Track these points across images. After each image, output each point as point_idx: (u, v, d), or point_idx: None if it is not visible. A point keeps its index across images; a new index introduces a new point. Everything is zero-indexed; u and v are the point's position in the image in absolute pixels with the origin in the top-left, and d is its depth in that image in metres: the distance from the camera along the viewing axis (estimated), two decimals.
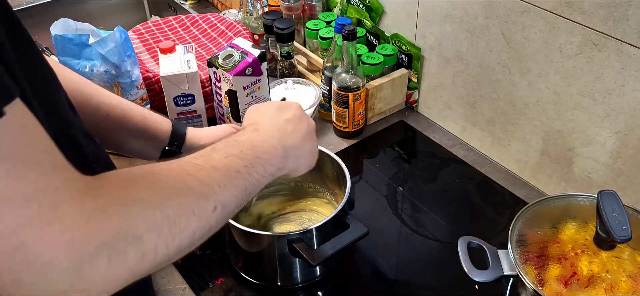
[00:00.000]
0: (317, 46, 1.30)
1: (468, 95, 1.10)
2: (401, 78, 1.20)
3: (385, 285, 0.89)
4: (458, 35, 1.06)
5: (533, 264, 0.76)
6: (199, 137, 0.89)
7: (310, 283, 0.87)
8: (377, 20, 1.26)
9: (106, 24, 1.38)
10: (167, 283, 0.87)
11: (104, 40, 1.01)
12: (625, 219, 0.67)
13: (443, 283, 0.89)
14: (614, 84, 0.84)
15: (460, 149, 1.15)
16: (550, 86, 0.93)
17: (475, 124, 1.12)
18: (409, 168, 1.15)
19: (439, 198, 1.04)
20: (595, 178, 0.93)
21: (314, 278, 0.87)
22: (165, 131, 0.86)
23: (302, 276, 0.86)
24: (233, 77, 0.96)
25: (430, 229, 0.97)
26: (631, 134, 0.85)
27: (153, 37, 1.32)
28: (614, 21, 0.80)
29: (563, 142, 0.96)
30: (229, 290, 0.87)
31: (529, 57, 0.94)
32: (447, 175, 1.11)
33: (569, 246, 0.76)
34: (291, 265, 0.84)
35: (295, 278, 0.87)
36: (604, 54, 0.83)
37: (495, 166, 1.10)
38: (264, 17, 1.24)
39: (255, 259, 0.87)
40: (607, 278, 0.72)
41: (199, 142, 0.88)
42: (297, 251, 0.78)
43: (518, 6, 0.92)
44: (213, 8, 1.72)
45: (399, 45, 1.20)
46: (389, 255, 0.93)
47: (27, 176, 0.37)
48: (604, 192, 0.71)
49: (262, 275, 0.87)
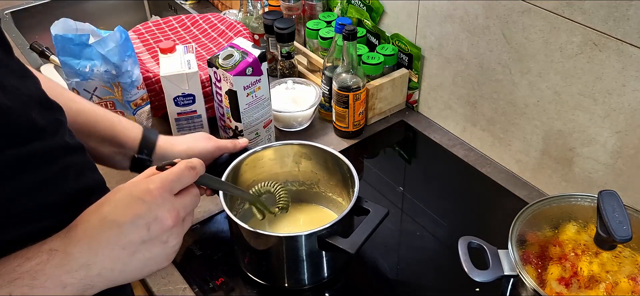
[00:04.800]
0: (317, 46, 1.30)
1: (468, 95, 1.10)
2: (401, 78, 1.20)
3: (386, 285, 0.89)
4: (458, 35, 1.06)
5: (533, 264, 0.76)
6: (172, 144, 0.88)
7: (316, 284, 0.87)
8: (377, 20, 1.25)
9: (106, 24, 1.38)
10: (167, 283, 0.87)
11: (104, 40, 1.01)
12: (625, 219, 0.67)
13: (443, 283, 0.89)
14: (614, 84, 0.84)
15: (460, 149, 1.15)
16: (551, 85, 0.93)
17: (475, 124, 1.12)
18: (409, 168, 1.15)
19: (440, 198, 1.04)
20: (595, 178, 0.93)
21: (321, 279, 0.87)
22: (134, 139, 0.84)
23: (310, 277, 0.86)
24: (233, 77, 0.96)
25: (430, 229, 0.97)
26: (632, 134, 0.85)
27: (153, 37, 1.32)
28: (614, 21, 0.80)
29: (563, 142, 0.96)
30: (231, 290, 0.87)
31: (530, 57, 0.94)
32: (447, 175, 1.11)
33: (569, 247, 0.76)
34: (299, 265, 0.83)
35: (303, 280, 0.86)
36: (604, 54, 0.83)
37: (496, 166, 1.10)
38: (264, 17, 1.24)
39: (263, 259, 0.86)
40: (607, 278, 0.72)
41: (173, 150, 0.87)
42: (330, 244, 0.78)
43: (518, 6, 0.92)
44: (213, 8, 1.72)
45: (399, 45, 1.20)
46: (390, 255, 0.93)
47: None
48: (604, 192, 0.70)
49: (270, 276, 0.87)
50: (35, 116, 0.54)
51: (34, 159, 0.53)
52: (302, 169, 0.96)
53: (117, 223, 0.53)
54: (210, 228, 0.97)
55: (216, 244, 0.94)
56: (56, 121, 0.59)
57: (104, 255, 0.53)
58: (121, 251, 0.53)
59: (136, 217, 0.54)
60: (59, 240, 0.52)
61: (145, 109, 1.10)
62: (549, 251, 0.77)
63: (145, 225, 0.54)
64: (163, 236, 0.56)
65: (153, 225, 0.55)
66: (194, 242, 0.94)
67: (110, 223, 0.53)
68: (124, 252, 0.54)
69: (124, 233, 0.53)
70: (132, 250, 0.54)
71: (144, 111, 1.10)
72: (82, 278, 0.52)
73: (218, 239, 0.95)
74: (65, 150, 0.59)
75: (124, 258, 0.54)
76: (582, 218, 0.79)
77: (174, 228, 0.57)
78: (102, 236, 0.53)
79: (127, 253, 0.54)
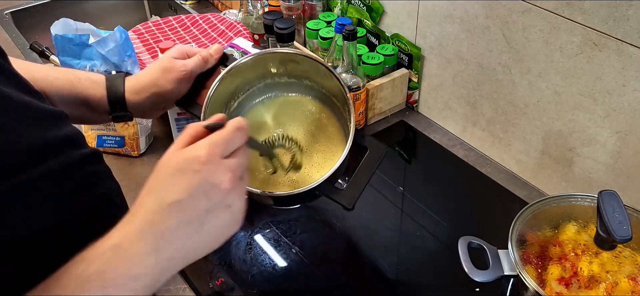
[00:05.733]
0: (317, 46, 1.30)
1: (468, 95, 1.10)
2: (401, 78, 1.20)
3: (386, 285, 0.89)
4: (458, 35, 1.06)
5: (533, 264, 0.76)
6: (138, 83, 0.81)
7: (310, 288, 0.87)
8: (377, 20, 1.25)
9: (106, 24, 1.39)
10: (167, 283, 0.87)
11: (104, 40, 1.01)
12: (625, 219, 0.67)
13: (443, 283, 0.89)
14: (614, 84, 0.84)
15: (460, 149, 1.15)
16: (551, 85, 0.93)
17: (475, 124, 1.12)
18: (409, 168, 1.15)
19: (439, 198, 1.04)
20: (595, 178, 0.93)
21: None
22: (101, 97, 0.79)
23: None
24: None
25: (430, 229, 0.97)
26: (632, 134, 0.85)
27: (153, 37, 1.32)
28: (614, 21, 0.80)
29: (563, 142, 0.96)
30: (231, 290, 0.87)
31: (530, 57, 0.94)
32: (447, 175, 1.11)
33: (569, 247, 0.76)
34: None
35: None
36: (604, 54, 0.83)
37: (496, 166, 1.10)
38: (264, 17, 1.24)
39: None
40: (607, 278, 0.72)
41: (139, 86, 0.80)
42: (330, 198, 0.72)
43: (518, 6, 0.92)
44: (213, 8, 1.72)
45: (399, 45, 1.20)
46: (389, 254, 0.93)
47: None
48: (604, 192, 0.70)
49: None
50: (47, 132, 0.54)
51: (50, 176, 0.53)
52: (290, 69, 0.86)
53: (176, 202, 0.51)
54: None
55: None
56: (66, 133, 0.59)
57: (170, 237, 0.50)
58: (188, 227, 0.51)
59: (192, 189, 0.51)
60: (119, 234, 0.50)
61: None
62: (549, 251, 0.77)
63: (204, 194, 0.52)
64: (225, 201, 0.53)
65: (211, 192, 0.52)
66: None
67: (169, 204, 0.51)
68: (190, 228, 0.51)
69: (185, 208, 0.51)
70: (198, 224, 0.51)
71: None
72: (153, 266, 0.50)
73: None
74: (81, 162, 0.58)
75: (192, 234, 0.51)
76: (582, 218, 0.79)
77: (234, 190, 0.54)
78: (163, 218, 0.50)
79: (194, 228, 0.51)
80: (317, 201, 1.00)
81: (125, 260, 0.49)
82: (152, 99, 0.80)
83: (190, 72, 0.80)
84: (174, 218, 0.50)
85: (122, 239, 0.50)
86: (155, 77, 0.80)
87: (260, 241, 0.94)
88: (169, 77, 0.80)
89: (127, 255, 0.49)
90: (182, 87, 0.81)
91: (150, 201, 0.51)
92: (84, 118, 0.82)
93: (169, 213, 0.50)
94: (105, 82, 0.79)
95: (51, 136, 0.55)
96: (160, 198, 0.51)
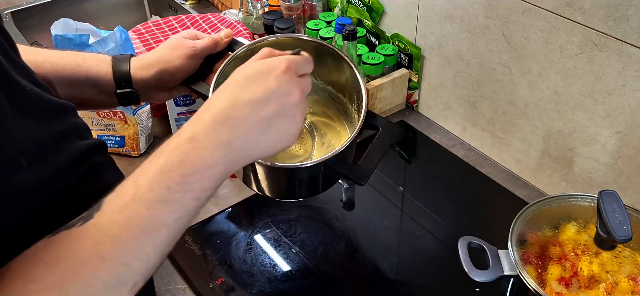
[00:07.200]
0: None
1: (468, 95, 1.10)
2: (401, 78, 1.20)
3: (386, 285, 0.89)
4: (458, 35, 1.06)
5: (533, 264, 0.76)
6: (145, 59, 0.81)
7: (309, 279, 0.87)
8: (377, 20, 1.25)
9: (106, 24, 1.38)
10: (167, 283, 0.87)
11: (104, 40, 1.01)
12: (625, 219, 0.67)
13: (443, 283, 0.89)
14: (614, 84, 0.84)
15: (460, 149, 1.15)
16: (551, 85, 0.93)
17: (475, 124, 1.12)
18: (409, 168, 1.15)
19: (439, 198, 1.04)
20: (595, 178, 0.93)
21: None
22: (106, 74, 0.79)
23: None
24: None
25: (430, 229, 0.97)
26: (632, 134, 0.85)
27: (153, 37, 1.32)
28: (614, 21, 0.80)
29: (563, 142, 0.96)
30: (231, 290, 0.87)
31: (530, 57, 0.94)
32: (447, 175, 1.11)
33: (569, 247, 0.76)
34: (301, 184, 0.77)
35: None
36: (604, 54, 0.83)
37: (496, 166, 1.10)
38: (264, 17, 1.24)
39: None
40: (607, 278, 0.72)
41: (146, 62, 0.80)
42: (340, 173, 0.72)
43: (518, 6, 0.92)
44: (213, 8, 1.72)
45: (399, 45, 1.20)
46: (389, 254, 0.93)
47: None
48: (604, 192, 0.70)
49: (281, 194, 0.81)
50: (56, 125, 0.54)
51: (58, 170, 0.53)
52: None
53: (253, 100, 0.55)
54: (210, 228, 0.97)
55: (216, 244, 0.94)
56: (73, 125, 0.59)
57: (241, 131, 0.54)
58: (257, 126, 0.55)
59: (270, 91, 0.56)
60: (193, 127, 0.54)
61: (145, 109, 1.10)
62: (549, 251, 0.77)
63: (278, 98, 0.56)
64: (293, 110, 0.57)
65: (284, 98, 0.57)
66: (194, 242, 0.94)
67: (245, 101, 0.55)
68: (259, 127, 0.55)
69: (260, 107, 0.55)
70: (266, 124, 0.56)
71: (144, 111, 1.10)
72: (225, 155, 0.53)
73: (218, 239, 0.95)
74: (88, 152, 0.58)
75: (259, 132, 0.55)
76: (582, 218, 0.79)
77: (301, 104, 0.58)
78: (237, 113, 0.54)
79: (262, 127, 0.55)
80: (317, 201, 1.01)
81: (201, 149, 0.52)
82: (159, 76, 0.79)
83: (199, 50, 0.81)
84: (248, 114, 0.54)
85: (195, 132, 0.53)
86: (163, 53, 0.81)
87: (260, 241, 0.95)
88: (177, 53, 0.81)
89: (202, 145, 0.52)
90: (190, 65, 0.81)
91: (226, 98, 0.55)
92: (89, 101, 0.81)
93: (244, 109, 0.55)
94: (111, 59, 0.80)
95: (59, 128, 0.55)
96: (237, 96, 0.55)
